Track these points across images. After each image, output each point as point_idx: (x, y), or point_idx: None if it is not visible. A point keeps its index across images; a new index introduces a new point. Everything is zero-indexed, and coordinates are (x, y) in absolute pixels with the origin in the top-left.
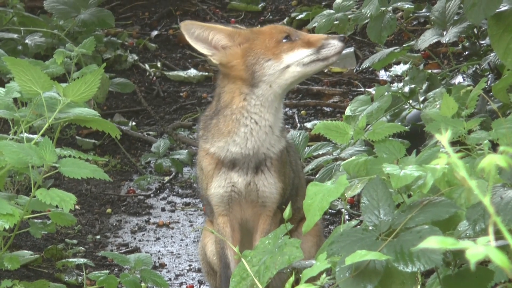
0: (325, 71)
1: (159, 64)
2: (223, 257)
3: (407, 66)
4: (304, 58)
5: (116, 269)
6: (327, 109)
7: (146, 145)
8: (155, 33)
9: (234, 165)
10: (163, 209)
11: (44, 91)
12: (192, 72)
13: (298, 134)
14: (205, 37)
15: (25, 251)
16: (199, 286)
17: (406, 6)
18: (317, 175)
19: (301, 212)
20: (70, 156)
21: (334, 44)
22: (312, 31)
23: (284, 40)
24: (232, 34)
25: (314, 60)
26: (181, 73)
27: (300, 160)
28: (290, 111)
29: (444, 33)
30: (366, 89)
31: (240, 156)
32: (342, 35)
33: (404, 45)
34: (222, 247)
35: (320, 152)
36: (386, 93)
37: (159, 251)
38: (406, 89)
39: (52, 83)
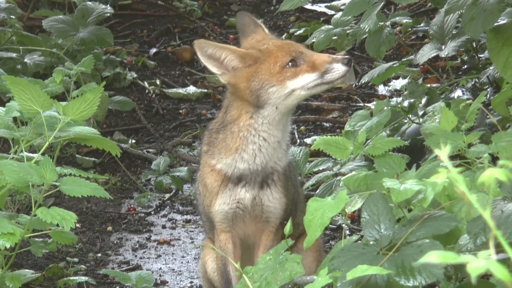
0: None
1: (158, 82)
2: (225, 274)
3: (406, 80)
4: (308, 84)
5: (118, 287)
6: (327, 125)
7: (146, 162)
8: (153, 50)
9: (240, 180)
10: (164, 227)
11: (43, 110)
12: (191, 89)
13: (299, 150)
14: (218, 57)
15: (26, 270)
16: None
17: (405, 21)
18: (318, 191)
19: (300, 227)
20: (70, 174)
21: (338, 69)
22: (311, 46)
23: (289, 64)
24: (244, 56)
25: (319, 84)
26: (180, 90)
27: (300, 176)
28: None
29: (443, 47)
30: (366, 104)
31: (248, 172)
32: (347, 57)
33: (403, 59)
34: (224, 263)
35: (321, 168)
36: (385, 108)
37: (160, 269)
38: (406, 103)
39: (52, 101)
